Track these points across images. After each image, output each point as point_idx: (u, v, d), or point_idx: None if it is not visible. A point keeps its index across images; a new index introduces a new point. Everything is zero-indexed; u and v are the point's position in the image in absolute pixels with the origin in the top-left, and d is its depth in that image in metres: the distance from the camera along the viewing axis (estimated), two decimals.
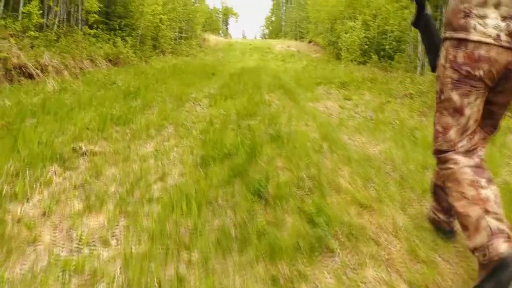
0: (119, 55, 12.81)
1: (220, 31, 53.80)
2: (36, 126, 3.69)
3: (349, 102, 6.34)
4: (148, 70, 9.48)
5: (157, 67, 11.96)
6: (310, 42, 34.28)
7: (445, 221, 2.01)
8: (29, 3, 8.91)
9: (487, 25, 1.46)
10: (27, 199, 2.25)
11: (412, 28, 14.77)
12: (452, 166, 1.62)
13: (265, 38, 56.71)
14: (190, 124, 4.25)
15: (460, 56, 1.54)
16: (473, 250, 1.47)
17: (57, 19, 10.92)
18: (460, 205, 1.54)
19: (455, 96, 1.59)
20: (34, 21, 8.57)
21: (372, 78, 9.20)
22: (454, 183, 1.59)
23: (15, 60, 7.01)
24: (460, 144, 1.62)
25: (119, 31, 14.39)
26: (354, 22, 20.41)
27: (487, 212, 1.47)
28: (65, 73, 9.52)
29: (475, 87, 1.55)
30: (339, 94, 7.35)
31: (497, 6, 1.45)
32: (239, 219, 2.04)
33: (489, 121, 1.71)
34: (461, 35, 1.52)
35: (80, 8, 11.58)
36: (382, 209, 2.27)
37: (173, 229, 1.95)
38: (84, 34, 11.51)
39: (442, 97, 1.64)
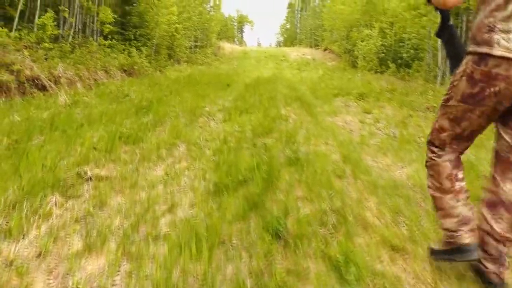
0: (133, 66, 12.78)
1: (235, 39, 53.99)
2: (43, 145, 3.52)
3: (369, 116, 6.06)
4: (162, 81, 9.35)
5: (172, 78, 11.86)
6: (325, 49, 33.99)
7: (494, 272, 1.74)
8: (45, 15, 8.90)
9: (511, 40, 1.45)
10: (23, 236, 2.05)
11: (432, 35, 14.40)
12: (436, 158, 1.78)
13: (280, 46, 56.63)
14: (203, 143, 4.04)
15: (478, 73, 1.54)
16: (444, 229, 1.79)
17: (72, 30, 10.92)
18: (437, 193, 1.78)
19: (459, 108, 1.64)
20: (49, 32, 8.54)
21: (391, 89, 8.89)
22: (435, 173, 1.78)
23: (28, 72, 6.94)
24: (448, 146, 1.75)
25: (134, 41, 14.39)
26: (371, 30, 20.12)
27: (458, 201, 1.73)
28: (79, 84, 9.48)
29: (484, 105, 1.57)
30: (358, 106, 7.06)
31: None
32: (255, 266, 1.80)
33: None
34: (484, 49, 1.51)
35: (95, 19, 11.56)
36: (417, 252, 2.00)
37: (180, 278, 1.72)
38: (99, 45, 11.48)
39: (448, 103, 1.70)
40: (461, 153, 1.78)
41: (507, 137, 1.63)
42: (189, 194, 2.68)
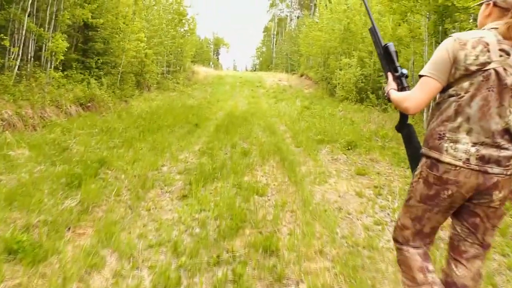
0: (92, 98, 11.40)
1: (211, 62, 53.15)
2: None
3: (366, 181, 4.93)
4: (122, 119, 8.01)
5: (134, 114, 10.54)
6: (302, 75, 33.41)
7: None
8: None
9: (458, 149, 1.58)
10: None
11: (414, 66, 13.72)
12: (405, 253, 1.81)
13: (256, 70, 56.18)
14: (142, 255, 2.75)
15: (431, 177, 1.65)
16: None
17: (19, 60, 9.48)
18: (411, 286, 1.77)
19: (419, 208, 1.73)
20: None
21: (381, 135, 7.85)
22: (407, 268, 1.80)
23: None
24: (412, 242, 1.80)
25: (96, 70, 13.02)
26: (350, 58, 19.46)
27: None
28: (19, 125, 8.05)
29: (440, 205, 1.67)
30: (349, 163, 5.94)
31: (468, 132, 1.58)
32: None
33: (477, 236, 1.69)
34: (435, 155, 1.64)
35: (44, 48, 10.19)
36: None
37: None
38: (51, 77, 10.07)
39: (409, 203, 1.78)
40: (427, 247, 1.82)
41: (458, 229, 1.73)
42: None
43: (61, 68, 11.63)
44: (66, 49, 10.54)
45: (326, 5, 28.80)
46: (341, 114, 12.35)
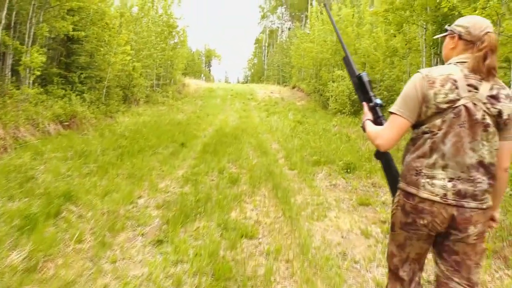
0: (74, 115, 10.74)
1: (202, 74, 52.68)
2: None
3: (370, 213, 4.34)
4: (95, 146, 7.35)
5: (118, 132, 9.89)
6: (294, 87, 33.02)
7: None
8: None
9: (435, 184, 1.61)
10: None
11: (410, 74, 13.29)
12: (396, 284, 1.80)
13: (247, 82, 55.83)
14: None
15: (408, 205, 1.67)
16: None
17: None
18: None
19: (401, 235, 1.74)
20: None
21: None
22: None
23: None
24: (401, 270, 1.78)
25: (79, 85, 12.36)
26: (342, 70, 19.04)
27: None
28: None
29: (418, 233, 1.67)
30: (348, 188, 5.37)
31: (444, 168, 1.60)
32: None
33: (462, 274, 1.66)
34: (412, 190, 1.66)
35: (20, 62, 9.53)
36: None
37: None
38: (26, 94, 9.40)
39: (393, 231, 1.79)
40: (418, 275, 1.80)
41: (441, 267, 1.71)
42: None
43: (40, 83, 11.01)
44: (44, 64, 9.91)
45: (317, 16, 28.58)
46: (336, 129, 11.81)
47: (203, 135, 10.68)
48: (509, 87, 7.35)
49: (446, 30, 1.76)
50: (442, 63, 1.81)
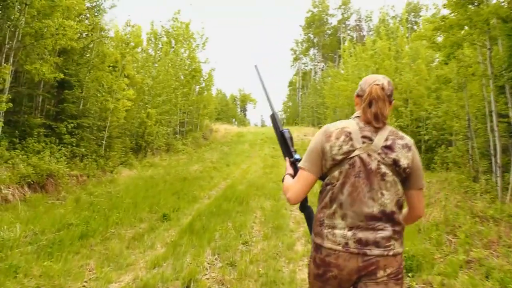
0: (51, 174, 8.75)
1: (234, 119, 51.41)
2: None
3: None
4: (32, 225, 5.14)
5: (91, 200, 7.76)
6: None
7: None
8: None
9: (336, 234, 1.61)
10: None
11: (469, 113, 10.55)
12: None
13: (283, 124, 53.99)
14: None
15: (318, 258, 1.67)
16: None
17: None
18: None
19: (315, 285, 1.72)
20: None
21: (451, 228, 4.58)
22: None
23: None
24: None
25: (67, 136, 10.52)
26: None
27: None
28: None
29: (330, 283, 1.65)
30: None
31: (343, 218, 1.61)
32: None
33: None
34: (318, 240, 1.67)
35: None
36: None
37: None
38: None
39: (309, 281, 1.78)
40: None
41: None
42: None
43: (19, 135, 9.30)
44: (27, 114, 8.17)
45: (350, 53, 26.62)
46: None
47: (206, 197, 8.39)
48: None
49: None
50: None
